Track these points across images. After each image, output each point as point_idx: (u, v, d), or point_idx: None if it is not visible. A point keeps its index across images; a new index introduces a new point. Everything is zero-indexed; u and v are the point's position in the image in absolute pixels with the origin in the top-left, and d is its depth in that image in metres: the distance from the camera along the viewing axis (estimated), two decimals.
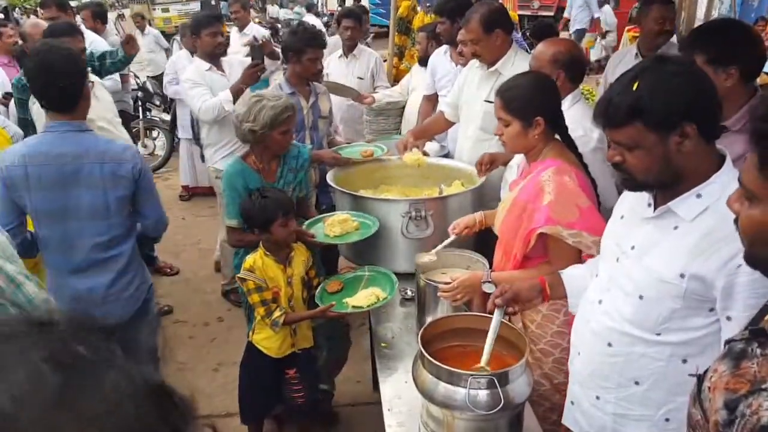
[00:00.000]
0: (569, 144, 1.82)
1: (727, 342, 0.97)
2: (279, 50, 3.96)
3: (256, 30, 5.41)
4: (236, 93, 3.23)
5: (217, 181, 3.31)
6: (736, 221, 0.98)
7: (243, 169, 2.35)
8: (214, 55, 3.47)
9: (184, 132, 4.96)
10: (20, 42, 3.76)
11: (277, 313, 2.13)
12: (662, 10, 3.06)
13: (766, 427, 0.77)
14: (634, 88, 1.20)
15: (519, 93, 1.75)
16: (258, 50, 3.43)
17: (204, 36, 3.43)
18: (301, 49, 2.94)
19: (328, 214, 2.40)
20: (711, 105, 1.22)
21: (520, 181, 1.87)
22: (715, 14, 6.79)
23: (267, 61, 3.73)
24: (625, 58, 3.29)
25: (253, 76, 3.24)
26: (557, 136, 1.82)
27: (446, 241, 2.08)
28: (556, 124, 1.79)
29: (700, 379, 0.98)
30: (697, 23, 7.14)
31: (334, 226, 2.27)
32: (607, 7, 10.25)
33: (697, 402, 0.96)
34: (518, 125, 1.75)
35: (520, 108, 1.74)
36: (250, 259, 2.19)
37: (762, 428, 0.78)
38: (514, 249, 1.73)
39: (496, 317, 1.49)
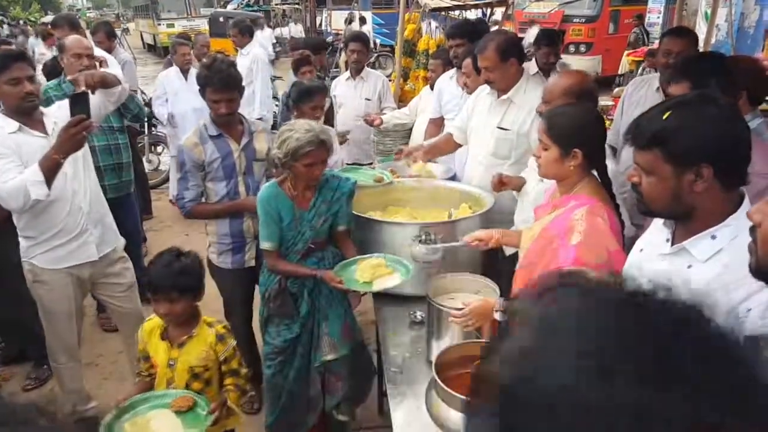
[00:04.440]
0: (606, 183, 1.80)
1: None
2: (118, 71, 2.93)
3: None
4: (50, 168, 2.21)
5: (34, 285, 2.51)
6: (753, 230, 0.96)
7: (277, 194, 2.30)
8: (23, 111, 2.38)
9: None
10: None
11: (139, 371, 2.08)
12: (670, 44, 2.88)
13: None
14: (665, 117, 1.23)
15: (563, 121, 1.75)
16: (80, 100, 2.23)
17: (2, 85, 2.33)
18: (202, 86, 2.61)
19: (365, 256, 2.33)
20: (736, 154, 1.21)
21: (547, 208, 1.85)
22: (713, 41, 6.91)
23: (100, 98, 2.56)
24: (645, 87, 3.05)
25: (74, 140, 2.19)
26: (594, 173, 1.80)
27: (453, 244, 2.19)
28: (596, 159, 1.77)
29: None
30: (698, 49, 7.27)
31: (365, 271, 2.22)
32: None
33: None
34: (556, 151, 1.74)
35: (561, 135, 1.73)
36: (153, 317, 2.03)
37: None
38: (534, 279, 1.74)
39: None
